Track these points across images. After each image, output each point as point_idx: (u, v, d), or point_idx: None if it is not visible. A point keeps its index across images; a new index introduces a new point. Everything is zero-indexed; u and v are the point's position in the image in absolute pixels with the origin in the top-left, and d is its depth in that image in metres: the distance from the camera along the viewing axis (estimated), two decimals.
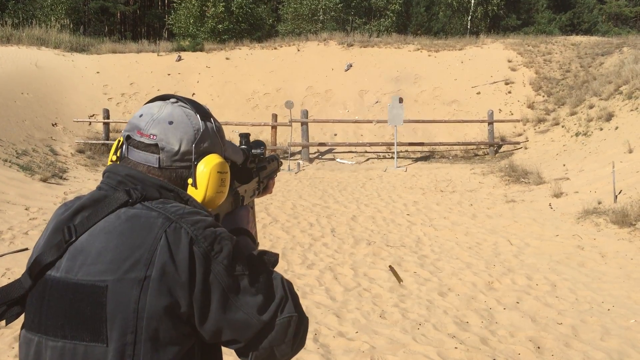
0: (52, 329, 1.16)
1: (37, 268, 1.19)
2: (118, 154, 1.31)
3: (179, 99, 1.33)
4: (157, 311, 1.11)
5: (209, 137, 1.32)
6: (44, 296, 1.18)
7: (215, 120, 1.36)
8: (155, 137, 1.26)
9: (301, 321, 1.25)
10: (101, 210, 1.20)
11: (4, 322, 1.22)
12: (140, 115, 1.29)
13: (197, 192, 1.29)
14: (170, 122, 1.27)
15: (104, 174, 1.29)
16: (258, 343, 1.20)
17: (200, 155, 1.29)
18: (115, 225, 1.17)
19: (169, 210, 1.19)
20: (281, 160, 1.89)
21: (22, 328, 1.23)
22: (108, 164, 1.33)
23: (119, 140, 1.32)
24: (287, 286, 1.26)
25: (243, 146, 1.62)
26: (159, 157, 1.26)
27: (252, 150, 1.63)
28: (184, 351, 1.16)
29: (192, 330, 1.17)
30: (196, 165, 1.29)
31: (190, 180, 1.29)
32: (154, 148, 1.26)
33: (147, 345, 1.11)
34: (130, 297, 1.11)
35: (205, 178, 1.29)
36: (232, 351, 1.24)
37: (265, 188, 1.77)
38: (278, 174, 1.88)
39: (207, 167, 1.29)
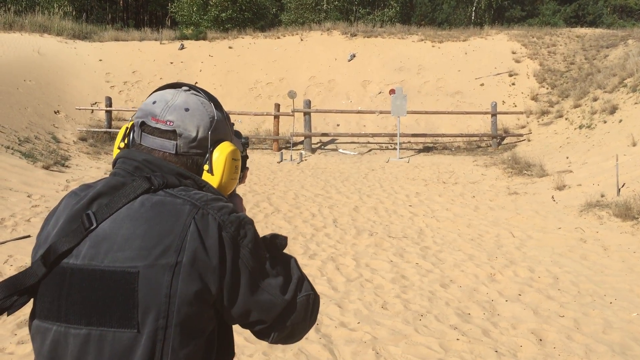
0: (75, 317, 1.16)
1: (53, 256, 1.18)
2: (126, 141, 1.31)
3: (191, 87, 1.35)
4: (188, 296, 1.14)
5: (222, 125, 1.35)
6: (62, 285, 1.17)
7: (223, 109, 1.39)
8: (172, 124, 1.27)
9: (316, 299, 1.33)
10: (121, 197, 1.21)
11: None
12: (154, 102, 1.30)
13: (213, 178, 1.32)
14: (187, 109, 1.29)
15: (116, 159, 1.29)
16: (281, 322, 1.25)
17: (215, 143, 1.32)
18: (141, 212, 1.19)
19: (193, 197, 1.21)
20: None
21: (32, 318, 1.22)
22: (115, 151, 1.33)
23: (126, 128, 1.32)
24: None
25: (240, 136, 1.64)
26: (176, 144, 1.28)
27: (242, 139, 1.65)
28: (207, 333, 1.20)
29: (215, 314, 1.21)
30: (212, 152, 1.31)
31: (206, 167, 1.31)
32: (170, 134, 1.28)
33: (177, 330, 1.14)
34: (162, 283, 1.13)
35: (221, 165, 1.32)
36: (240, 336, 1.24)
37: (242, 177, 1.78)
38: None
39: (223, 154, 1.32)
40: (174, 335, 1.13)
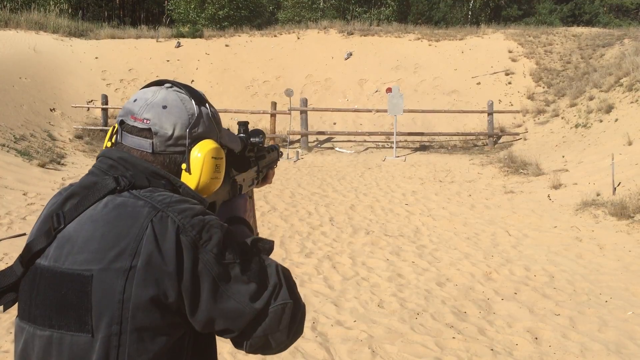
0: (41, 318, 1.14)
1: (28, 255, 1.18)
2: (113, 140, 1.29)
3: (174, 83, 1.31)
4: (142, 302, 1.10)
5: (204, 122, 1.29)
6: (34, 285, 1.16)
7: (210, 105, 1.34)
8: (148, 122, 1.24)
9: (297, 308, 1.21)
10: (89, 197, 1.18)
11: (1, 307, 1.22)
12: (135, 100, 1.27)
13: (191, 177, 1.27)
14: (164, 107, 1.25)
15: (97, 157, 1.27)
16: (252, 332, 1.17)
17: (195, 141, 1.27)
18: (102, 214, 1.15)
19: (155, 199, 1.16)
20: (281, 150, 1.87)
21: (17, 316, 1.22)
22: (103, 149, 1.31)
23: (114, 126, 1.30)
24: (283, 273, 1.23)
25: (241, 134, 1.59)
26: (153, 142, 1.24)
27: (251, 139, 1.61)
28: (172, 341, 1.14)
29: (183, 321, 1.15)
30: (190, 150, 1.26)
31: (184, 166, 1.27)
32: (147, 133, 1.24)
33: (134, 336, 1.10)
34: (116, 287, 1.09)
35: (200, 163, 1.26)
36: (226, 339, 1.22)
37: (264, 178, 1.75)
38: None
39: (202, 153, 1.26)
40: (130, 342, 1.10)
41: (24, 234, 6.72)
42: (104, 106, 15.36)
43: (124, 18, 31.39)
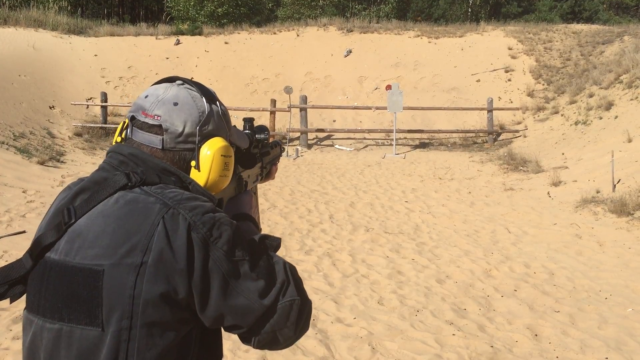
0: (50, 312, 1.16)
1: (37, 249, 1.19)
2: (123, 135, 1.30)
3: (185, 81, 1.32)
4: (153, 297, 1.11)
5: (214, 120, 1.30)
6: (43, 278, 1.18)
7: (221, 104, 1.35)
8: (159, 118, 1.25)
9: (304, 305, 1.23)
10: (100, 192, 1.20)
11: (3, 303, 1.23)
12: (146, 96, 1.28)
13: (200, 175, 1.28)
14: (175, 104, 1.26)
15: (107, 153, 1.28)
16: (260, 327, 1.19)
17: (205, 138, 1.28)
18: (114, 209, 1.17)
19: (167, 195, 1.18)
20: (283, 146, 1.89)
21: (25, 309, 1.24)
22: (113, 145, 1.32)
23: (125, 122, 1.31)
24: (290, 270, 1.25)
25: (247, 131, 1.61)
26: (163, 139, 1.25)
27: (256, 135, 1.63)
28: (180, 336, 1.16)
29: (191, 316, 1.17)
30: (200, 147, 1.27)
31: (193, 163, 1.27)
32: (157, 129, 1.25)
33: (143, 331, 1.11)
34: (126, 283, 1.11)
35: (209, 161, 1.27)
36: (231, 334, 1.23)
37: (268, 174, 1.77)
38: None
39: (211, 150, 1.27)
40: (140, 337, 1.11)
41: (24, 232, 6.71)
42: (103, 104, 15.36)
43: (123, 15, 31.33)
